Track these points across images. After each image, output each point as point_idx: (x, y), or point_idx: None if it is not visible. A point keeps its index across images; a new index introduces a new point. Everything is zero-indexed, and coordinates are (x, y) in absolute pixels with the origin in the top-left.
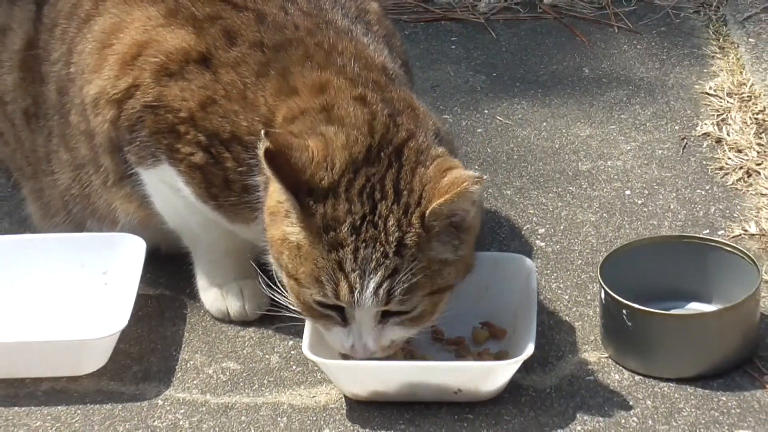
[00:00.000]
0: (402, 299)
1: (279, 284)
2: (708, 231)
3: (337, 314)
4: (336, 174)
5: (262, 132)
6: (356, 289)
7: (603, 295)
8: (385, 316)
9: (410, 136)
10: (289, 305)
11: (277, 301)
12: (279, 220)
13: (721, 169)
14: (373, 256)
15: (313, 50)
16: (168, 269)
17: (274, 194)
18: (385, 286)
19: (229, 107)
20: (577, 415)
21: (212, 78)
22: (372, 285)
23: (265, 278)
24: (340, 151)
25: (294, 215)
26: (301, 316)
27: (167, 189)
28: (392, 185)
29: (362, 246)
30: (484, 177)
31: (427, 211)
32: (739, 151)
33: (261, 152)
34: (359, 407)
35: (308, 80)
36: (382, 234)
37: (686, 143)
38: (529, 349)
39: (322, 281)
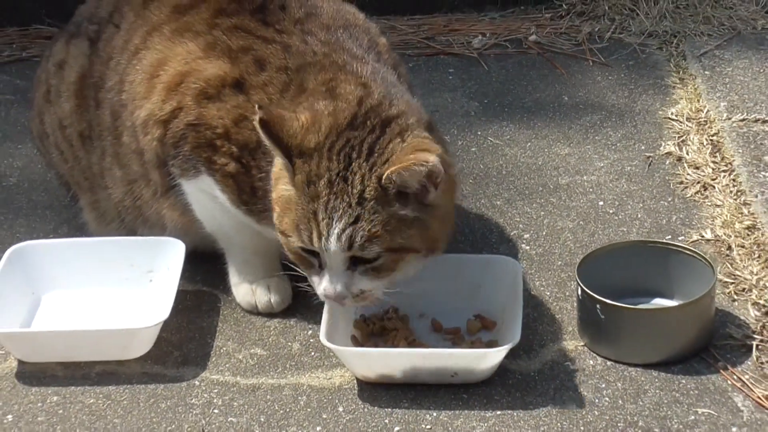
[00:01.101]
0: (362, 245)
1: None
2: (670, 237)
3: (316, 260)
4: (322, 136)
5: (257, 105)
6: (323, 235)
7: (579, 292)
8: (354, 265)
9: (401, 114)
10: (290, 263)
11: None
12: (278, 183)
13: (681, 183)
14: (340, 206)
15: (328, 66)
16: (205, 268)
17: (277, 165)
18: (347, 232)
19: None
20: (557, 396)
21: (244, 98)
22: (336, 230)
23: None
24: (327, 118)
25: (287, 175)
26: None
27: (205, 197)
28: (368, 147)
29: (332, 197)
30: (431, 161)
31: (384, 175)
32: (697, 168)
33: (256, 122)
34: (369, 388)
35: (319, 80)
36: (349, 187)
37: (651, 161)
38: (516, 338)
39: (300, 229)
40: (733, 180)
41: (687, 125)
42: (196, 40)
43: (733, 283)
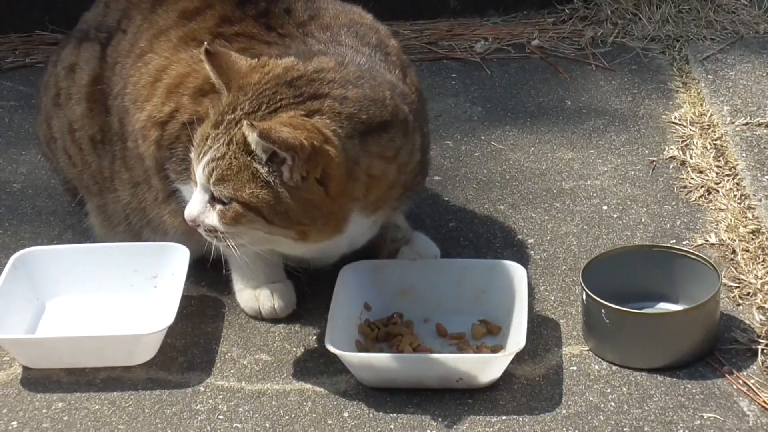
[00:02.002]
0: (216, 181)
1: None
2: (674, 241)
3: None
4: (264, 79)
5: (205, 43)
6: (198, 159)
7: (584, 297)
8: (213, 201)
9: (334, 96)
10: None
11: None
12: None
13: (685, 187)
14: (219, 141)
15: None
16: (209, 274)
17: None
18: (210, 165)
19: None
20: (562, 401)
21: None
22: (204, 160)
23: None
24: (279, 68)
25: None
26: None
27: None
28: (276, 107)
29: (223, 132)
30: (286, 138)
31: (245, 131)
32: (701, 172)
33: (201, 52)
34: (374, 393)
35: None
36: (232, 129)
37: (655, 165)
38: (521, 343)
39: (195, 143)
40: (737, 184)
41: (690, 129)
42: (199, 48)
43: (737, 287)
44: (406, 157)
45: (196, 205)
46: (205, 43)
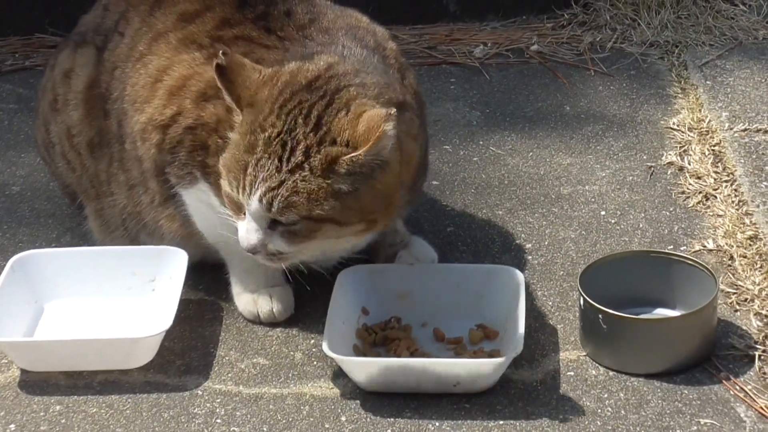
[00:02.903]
0: (280, 211)
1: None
2: (672, 247)
3: (241, 209)
4: (276, 90)
5: (221, 52)
6: (247, 190)
7: (582, 302)
8: (273, 224)
9: (351, 84)
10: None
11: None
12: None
13: (683, 193)
14: (269, 167)
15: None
16: (207, 277)
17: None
18: (268, 196)
19: None
20: (560, 406)
21: None
22: (259, 191)
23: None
24: (287, 75)
25: (234, 119)
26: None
27: (205, 208)
28: (316, 116)
29: (265, 156)
30: (388, 132)
31: (342, 159)
32: (699, 178)
33: (213, 66)
34: (371, 397)
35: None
36: (287, 153)
37: (653, 171)
38: (518, 348)
39: (230, 175)
40: (735, 190)
41: (689, 135)
42: (200, 50)
43: (735, 293)
44: (422, 138)
45: (254, 234)
46: (220, 53)
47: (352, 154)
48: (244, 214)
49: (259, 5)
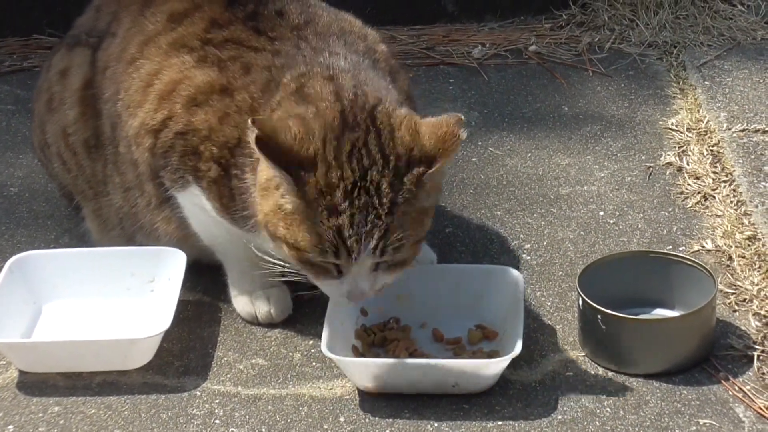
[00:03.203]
0: (394, 252)
1: (269, 253)
2: (671, 247)
3: (334, 268)
4: (318, 141)
5: (249, 120)
6: (354, 252)
7: (580, 302)
8: (377, 264)
9: (379, 101)
10: (282, 265)
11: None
12: (271, 193)
13: (681, 193)
14: (368, 221)
15: (308, 66)
16: (205, 278)
17: (264, 171)
18: (380, 246)
19: (239, 118)
20: (558, 406)
21: (230, 100)
22: (369, 246)
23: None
24: (314, 121)
25: (287, 186)
26: (298, 274)
27: (199, 210)
28: (378, 150)
29: (357, 212)
30: (462, 135)
31: (426, 176)
32: (697, 178)
33: (252, 140)
34: (370, 398)
35: (292, 74)
36: (375, 198)
37: (651, 171)
38: (517, 349)
39: (323, 246)
40: (734, 190)
41: (687, 135)
42: (190, 53)
43: (734, 293)
44: None
45: (363, 284)
46: (251, 123)
47: (433, 169)
48: (338, 271)
49: (249, 4)
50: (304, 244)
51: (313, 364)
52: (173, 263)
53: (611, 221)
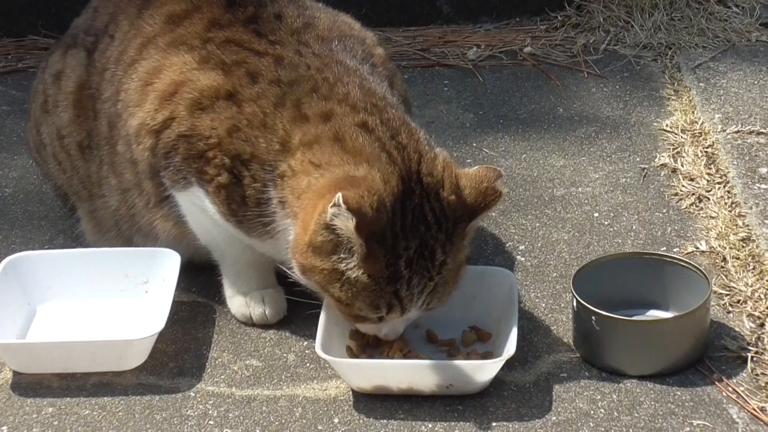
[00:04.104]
0: (437, 304)
1: (307, 290)
2: (665, 248)
3: (379, 319)
4: (389, 214)
5: (340, 198)
6: (407, 309)
7: (575, 304)
8: None
9: (420, 156)
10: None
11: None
12: (326, 254)
13: (676, 195)
14: (422, 282)
15: (321, 84)
16: (200, 279)
17: (316, 231)
18: (428, 300)
19: (250, 133)
20: (552, 407)
21: (237, 110)
22: (419, 303)
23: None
24: (383, 190)
25: (359, 255)
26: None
27: (198, 210)
28: (432, 216)
29: (414, 275)
30: (503, 192)
31: (467, 229)
32: (692, 180)
33: (352, 226)
34: (364, 399)
35: (316, 109)
36: (429, 261)
37: (646, 173)
38: (511, 350)
39: (379, 306)
40: (728, 192)
41: (682, 137)
42: (191, 52)
43: (728, 294)
44: None
45: (402, 325)
46: (340, 200)
47: (473, 222)
48: (380, 320)
49: (248, 6)
50: (360, 306)
51: (308, 365)
52: (167, 264)
53: (606, 222)
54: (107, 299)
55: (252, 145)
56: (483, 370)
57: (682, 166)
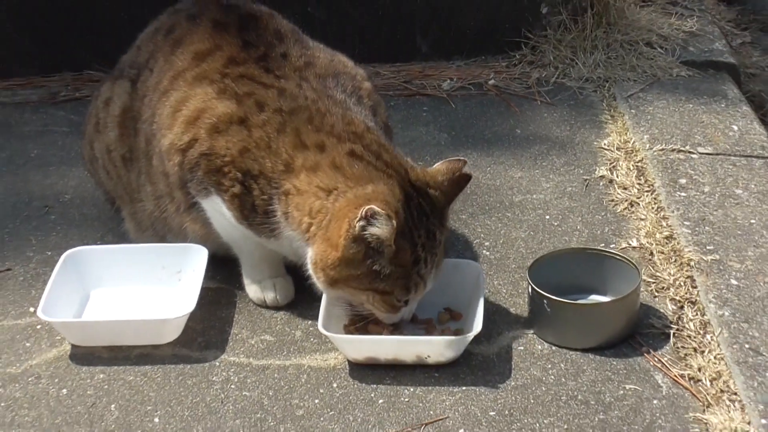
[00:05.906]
0: (439, 276)
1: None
2: (603, 244)
3: (405, 303)
4: (402, 215)
5: (369, 210)
6: (427, 284)
7: (530, 290)
8: None
9: (404, 168)
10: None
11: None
12: (359, 262)
13: (612, 201)
14: (433, 259)
15: (315, 114)
16: (224, 270)
17: (346, 245)
18: (436, 275)
19: (258, 154)
20: (512, 374)
21: (248, 134)
22: (432, 277)
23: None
24: (394, 198)
25: (389, 252)
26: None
27: (219, 215)
28: (428, 207)
29: (428, 255)
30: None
31: (448, 208)
32: (625, 189)
33: (389, 230)
34: (358, 368)
35: (313, 139)
36: (433, 242)
37: (588, 183)
38: (478, 327)
39: (409, 288)
40: (655, 198)
41: (617, 153)
42: (211, 85)
43: (654, 282)
44: None
45: (415, 306)
46: (390, 223)
47: (452, 205)
48: (405, 303)
49: (260, 46)
50: (399, 292)
51: (312, 340)
52: (197, 257)
53: (555, 223)
54: (147, 286)
55: (259, 164)
56: (455, 344)
57: (617, 177)
